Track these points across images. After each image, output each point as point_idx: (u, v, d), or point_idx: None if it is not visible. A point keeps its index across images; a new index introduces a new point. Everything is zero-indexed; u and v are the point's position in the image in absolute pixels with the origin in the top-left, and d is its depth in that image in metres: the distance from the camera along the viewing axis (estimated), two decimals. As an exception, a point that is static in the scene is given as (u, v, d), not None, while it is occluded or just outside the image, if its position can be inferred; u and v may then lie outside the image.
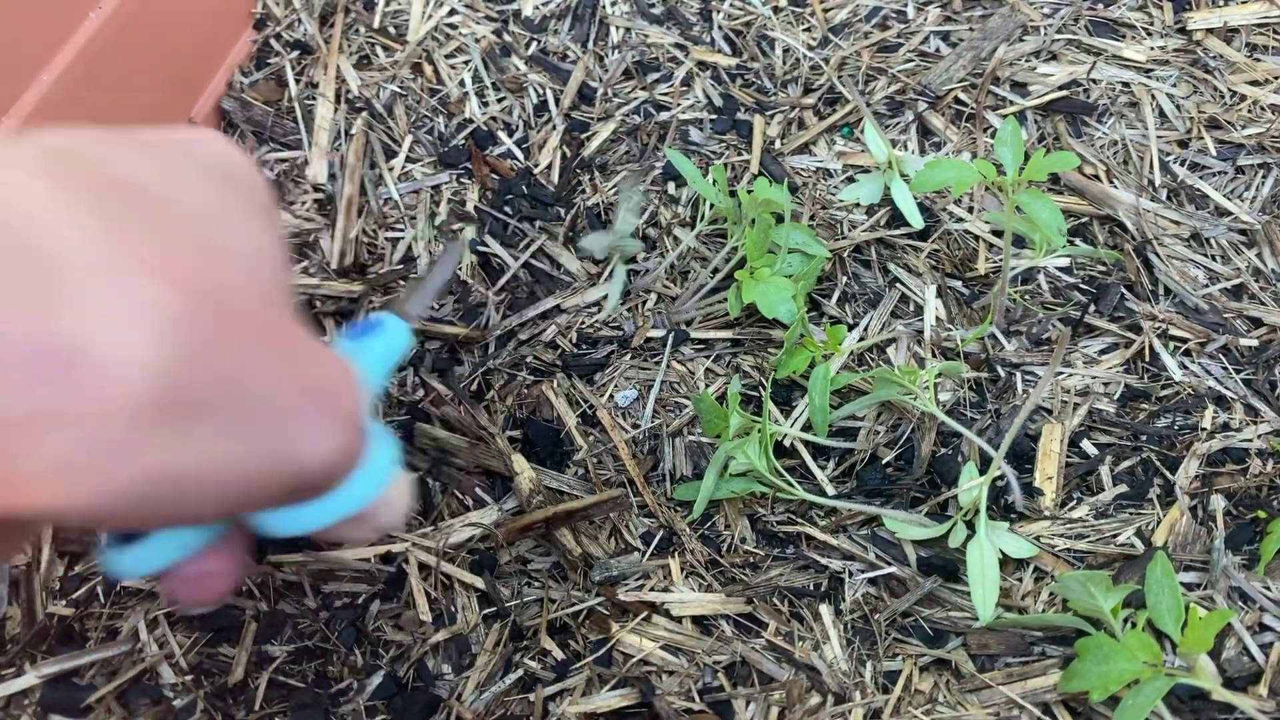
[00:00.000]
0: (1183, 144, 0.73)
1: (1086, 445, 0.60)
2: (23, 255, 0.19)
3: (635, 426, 0.62)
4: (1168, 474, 0.58)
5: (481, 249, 0.71)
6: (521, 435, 0.62)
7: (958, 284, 0.67)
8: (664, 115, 0.77)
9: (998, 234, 0.69)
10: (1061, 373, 0.63)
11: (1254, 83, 0.76)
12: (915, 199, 0.69)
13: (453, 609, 0.55)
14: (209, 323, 0.21)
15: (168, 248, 0.21)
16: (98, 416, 0.19)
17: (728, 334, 0.65)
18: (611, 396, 0.63)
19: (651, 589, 0.55)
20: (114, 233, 0.20)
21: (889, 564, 0.55)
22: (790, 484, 0.55)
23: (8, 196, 0.20)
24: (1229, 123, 0.74)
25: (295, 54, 0.81)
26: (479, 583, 0.56)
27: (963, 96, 0.76)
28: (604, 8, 0.83)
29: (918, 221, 0.68)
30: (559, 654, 0.53)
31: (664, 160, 0.74)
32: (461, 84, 0.80)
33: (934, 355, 0.64)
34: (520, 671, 0.53)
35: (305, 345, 0.24)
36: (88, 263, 0.20)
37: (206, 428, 0.21)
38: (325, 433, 0.24)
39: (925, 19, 0.81)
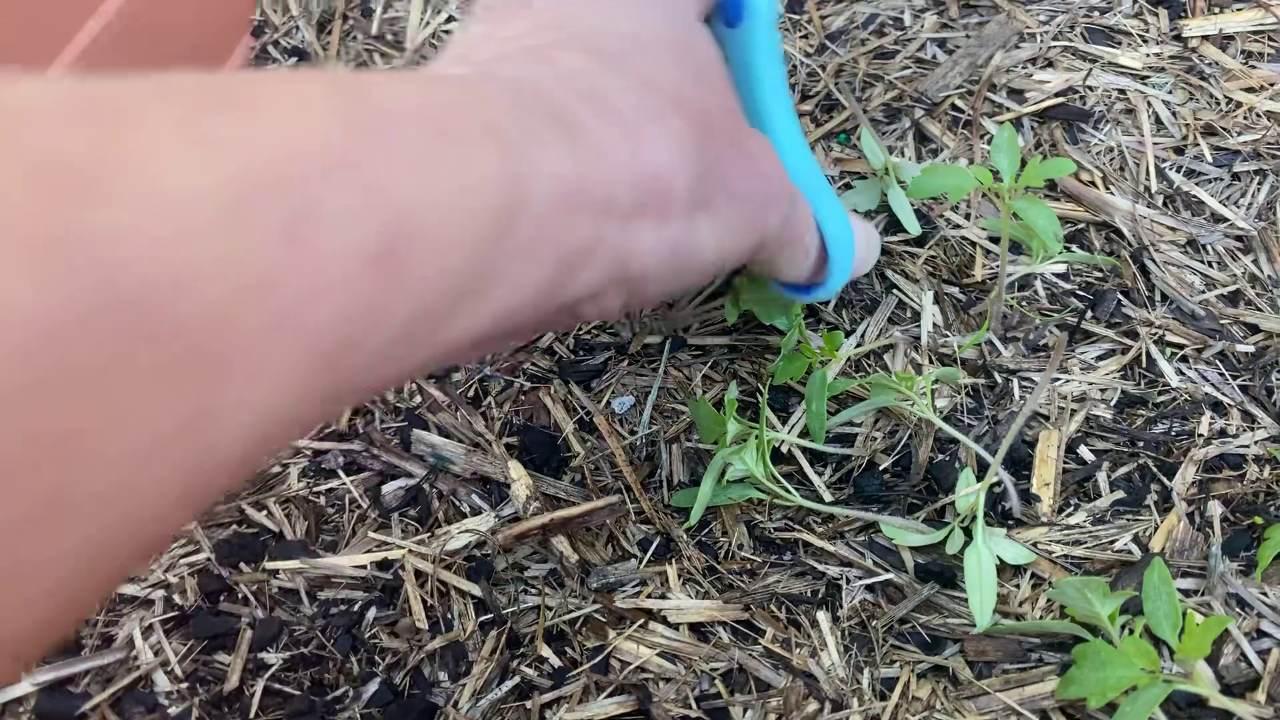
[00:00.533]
0: (1179, 150, 0.74)
1: (1084, 451, 0.60)
2: (595, 104, 0.30)
3: (632, 433, 0.62)
4: (1165, 480, 0.58)
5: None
6: (518, 442, 0.62)
7: (954, 290, 0.67)
8: (661, 122, 0.77)
9: (994, 240, 0.69)
10: (1058, 379, 0.63)
11: (1249, 89, 0.76)
12: (912, 205, 0.69)
13: (449, 616, 0.55)
14: (707, 139, 0.32)
15: (666, 86, 0.32)
16: (666, 204, 0.31)
17: (725, 340, 0.65)
18: (609, 403, 0.63)
19: (649, 596, 0.55)
20: (632, 84, 0.31)
21: (886, 570, 0.55)
22: (787, 490, 0.55)
23: (561, 70, 0.31)
24: (1225, 129, 0.74)
25: (293, 61, 0.81)
26: (475, 590, 0.55)
27: (959, 103, 0.77)
28: (601, 15, 0.83)
29: (915, 228, 0.68)
30: (556, 661, 0.53)
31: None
32: (459, 91, 0.80)
33: (931, 361, 0.64)
34: (517, 679, 0.52)
35: (755, 143, 0.36)
36: (628, 108, 0.31)
37: (712, 212, 0.33)
38: (775, 209, 0.37)
39: (922, 26, 0.81)
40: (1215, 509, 0.57)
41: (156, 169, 0.19)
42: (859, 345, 0.64)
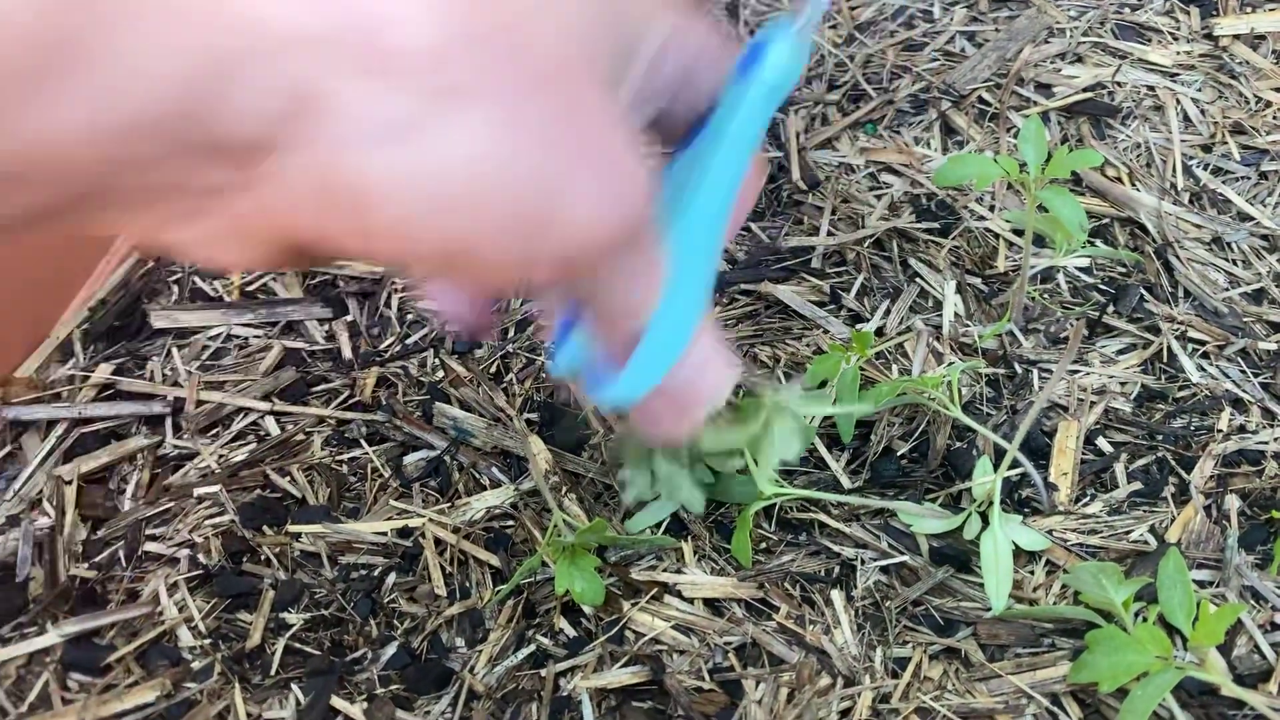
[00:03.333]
0: (1206, 148, 0.74)
1: (1102, 443, 0.60)
2: None
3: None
4: (1183, 473, 0.58)
5: (504, 234, 0.72)
6: (539, 418, 0.62)
7: (977, 281, 0.67)
8: (688, 107, 0.77)
9: (1018, 233, 0.69)
10: (1078, 371, 0.63)
11: (1279, 89, 0.76)
12: (938, 195, 0.69)
13: (467, 584, 0.56)
14: (495, 38, 0.22)
15: None
16: (391, 54, 0.21)
17: (746, 324, 0.66)
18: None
19: (664, 570, 0.55)
20: None
21: (901, 553, 0.55)
22: (781, 485, 0.55)
23: None
24: (1253, 128, 0.74)
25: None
26: (494, 560, 0.56)
27: (987, 96, 0.77)
28: (632, 0, 0.83)
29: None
30: (571, 631, 0.54)
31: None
32: (489, 72, 0.81)
33: (952, 350, 0.64)
34: (532, 647, 0.53)
35: (599, 111, 0.25)
36: None
37: (475, 112, 0.22)
38: (599, 199, 0.24)
39: (951, 19, 0.82)
40: (1232, 503, 0.57)
41: None
42: (880, 331, 0.65)
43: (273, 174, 0.22)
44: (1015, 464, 0.55)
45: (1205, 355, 0.64)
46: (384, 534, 0.57)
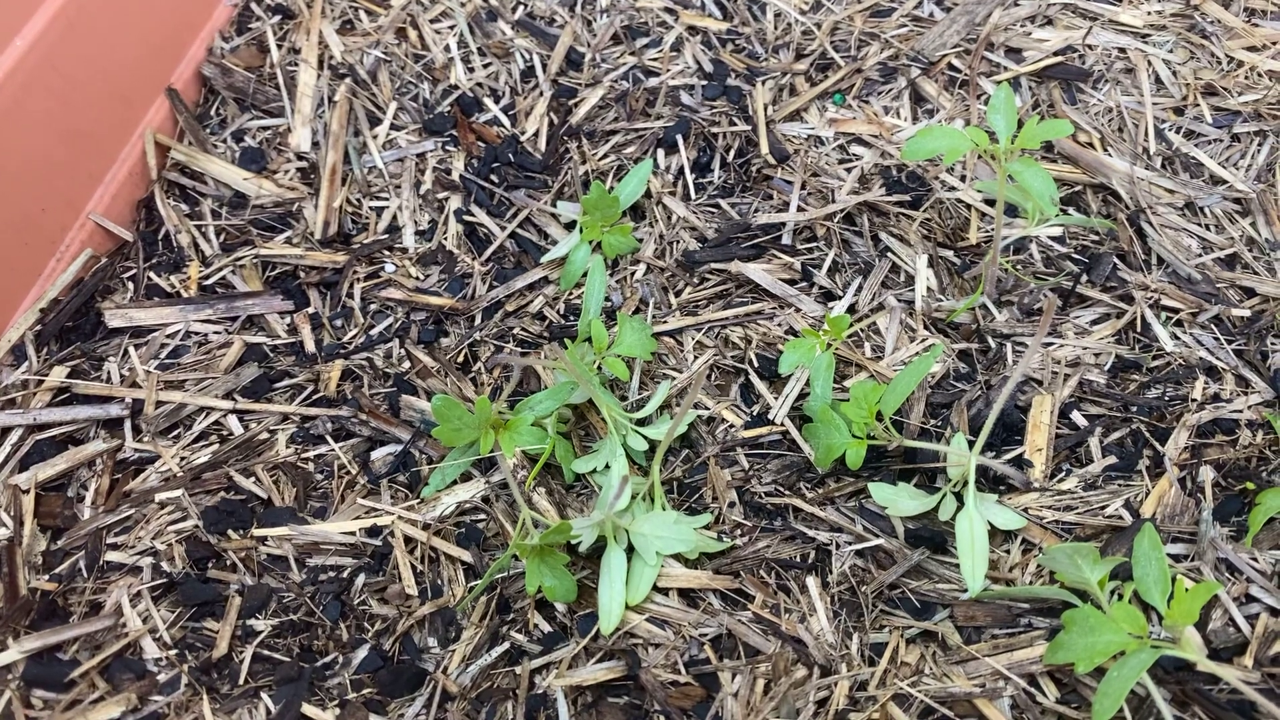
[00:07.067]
0: (1178, 111, 0.72)
1: (1076, 416, 0.59)
2: None
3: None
4: (1157, 445, 0.58)
5: (468, 218, 0.70)
6: (509, 407, 0.61)
7: (949, 254, 0.66)
8: (653, 81, 0.75)
9: (990, 203, 0.68)
10: (1052, 343, 0.62)
11: (1251, 48, 0.75)
12: (907, 167, 0.68)
13: (439, 582, 0.55)
14: None
15: None
16: None
17: (717, 305, 0.65)
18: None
19: (638, 562, 0.55)
20: None
21: (876, 536, 0.55)
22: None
23: None
24: (1226, 89, 0.73)
25: (277, 19, 0.79)
26: (466, 556, 0.55)
27: (956, 62, 0.75)
28: (592, -29, 0.81)
29: None
30: (546, 627, 0.53)
31: (656, 124, 0.72)
32: (446, 49, 0.78)
33: (925, 327, 0.63)
34: (507, 644, 0.52)
35: None
36: None
37: None
38: None
39: (919, -17, 0.80)
40: (1207, 474, 0.56)
41: None
42: (852, 309, 0.64)
43: None
44: (990, 443, 0.54)
45: (1179, 323, 0.63)
46: (352, 534, 0.56)
